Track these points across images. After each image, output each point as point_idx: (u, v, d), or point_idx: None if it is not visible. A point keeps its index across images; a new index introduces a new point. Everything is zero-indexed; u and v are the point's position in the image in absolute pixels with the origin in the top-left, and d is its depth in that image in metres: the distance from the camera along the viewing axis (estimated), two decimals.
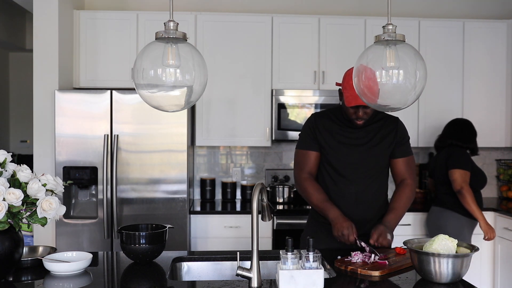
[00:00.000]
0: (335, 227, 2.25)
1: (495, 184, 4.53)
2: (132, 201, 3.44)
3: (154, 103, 1.76)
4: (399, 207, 2.36)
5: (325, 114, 2.48)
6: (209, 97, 3.90)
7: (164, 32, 1.69)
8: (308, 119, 2.51)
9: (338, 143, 2.40)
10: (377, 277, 1.89)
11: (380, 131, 2.41)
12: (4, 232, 1.72)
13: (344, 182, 2.39)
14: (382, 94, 1.72)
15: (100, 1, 4.23)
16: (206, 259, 2.20)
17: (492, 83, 4.16)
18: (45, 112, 3.55)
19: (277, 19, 3.98)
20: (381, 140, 2.40)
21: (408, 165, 2.44)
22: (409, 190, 2.40)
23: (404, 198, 2.38)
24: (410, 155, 2.46)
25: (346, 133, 2.41)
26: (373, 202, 2.41)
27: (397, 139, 2.42)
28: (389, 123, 2.44)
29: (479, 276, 3.78)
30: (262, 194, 1.91)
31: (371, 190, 2.40)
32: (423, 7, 4.42)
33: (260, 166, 4.32)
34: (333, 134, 2.41)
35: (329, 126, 2.43)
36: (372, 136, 2.40)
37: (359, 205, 2.38)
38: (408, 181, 2.42)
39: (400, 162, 2.43)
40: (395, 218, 2.33)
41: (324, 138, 2.41)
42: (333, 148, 2.40)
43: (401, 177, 2.44)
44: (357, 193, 2.38)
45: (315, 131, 2.43)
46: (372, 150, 2.39)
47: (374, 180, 2.41)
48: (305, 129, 2.49)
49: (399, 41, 1.67)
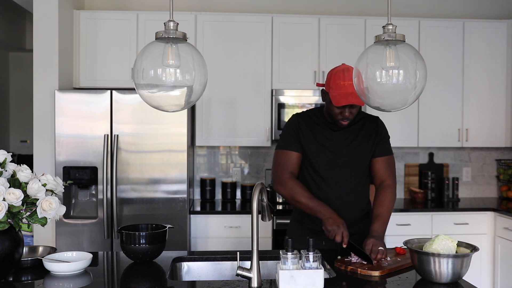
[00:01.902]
0: (329, 220, 2.16)
1: (495, 184, 4.53)
2: (132, 201, 3.44)
3: (154, 103, 1.76)
4: (383, 212, 2.28)
5: (307, 115, 2.43)
6: (209, 97, 3.90)
7: (164, 32, 1.69)
8: (290, 119, 2.45)
9: (321, 145, 2.35)
10: (377, 277, 1.89)
11: (361, 132, 2.37)
12: (4, 232, 1.72)
13: (327, 185, 2.34)
14: (382, 94, 1.72)
15: (100, 1, 4.23)
16: (206, 259, 2.20)
17: (492, 83, 4.16)
18: (45, 112, 3.55)
19: (277, 19, 3.98)
20: (363, 140, 2.36)
21: (388, 165, 2.38)
22: (390, 193, 2.34)
23: (386, 202, 2.31)
24: (390, 155, 2.40)
25: (328, 135, 2.36)
26: (357, 203, 2.38)
27: (378, 138, 2.38)
28: (370, 123, 2.40)
29: (479, 276, 3.78)
30: (262, 194, 1.91)
31: (355, 191, 2.37)
32: (423, 7, 4.42)
33: (260, 166, 4.32)
34: (315, 135, 2.36)
35: (312, 127, 2.38)
36: (353, 137, 2.36)
37: (343, 207, 2.32)
38: (388, 182, 2.36)
39: (379, 162, 2.38)
40: (382, 225, 2.26)
41: (306, 139, 2.36)
42: (316, 150, 2.35)
43: (380, 177, 2.38)
44: (342, 195, 2.34)
45: (298, 132, 2.37)
46: (355, 151, 2.35)
47: (358, 181, 2.38)
48: (288, 129, 2.41)
49: (399, 41, 1.67)
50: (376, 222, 2.26)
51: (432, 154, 4.43)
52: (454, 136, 4.13)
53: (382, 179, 2.38)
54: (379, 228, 2.23)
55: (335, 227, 2.14)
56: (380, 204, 2.31)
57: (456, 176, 4.36)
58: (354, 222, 2.36)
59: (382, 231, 2.25)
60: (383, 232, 2.25)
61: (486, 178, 4.53)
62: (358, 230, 2.37)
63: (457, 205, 4.03)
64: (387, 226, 2.31)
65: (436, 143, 4.16)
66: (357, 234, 2.36)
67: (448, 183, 4.24)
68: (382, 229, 2.25)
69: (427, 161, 4.43)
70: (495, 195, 4.53)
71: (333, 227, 2.14)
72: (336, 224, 2.15)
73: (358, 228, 2.38)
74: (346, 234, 2.12)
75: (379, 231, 2.22)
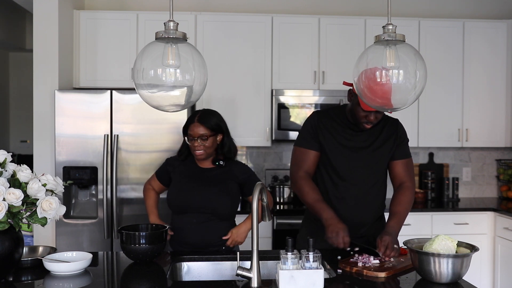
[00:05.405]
0: (329, 227, 2.17)
1: (495, 184, 4.53)
2: (132, 201, 3.44)
3: (154, 103, 1.76)
4: (401, 211, 2.28)
5: (327, 114, 2.41)
6: (209, 97, 3.90)
7: (164, 32, 1.69)
8: (310, 117, 2.43)
9: (340, 145, 2.34)
10: (383, 278, 1.88)
11: (381, 134, 2.36)
12: (4, 232, 1.72)
13: (344, 185, 2.34)
14: (382, 94, 1.72)
15: (100, 1, 4.23)
16: (206, 259, 2.20)
17: (492, 83, 4.16)
18: (45, 112, 3.55)
19: (277, 19, 3.98)
20: (383, 143, 2.36)
21: (407, 168, 2.38)
22: (409, 193, 2.34)
23: (405, 202, 2.31)
24: (409, 157, 2.40)
25: (348, 135, 2.35)
26: (372, 205, 2.37)
27: (398, 141, 2.37)
28: (390, 125, 2.39)
29: (479, 276, 3.78)
30: (262, 194, 1.91)
31: (371, 193, 2.36)
32: (423, 7, 4.42)
33: (260, 166, 4.32)
34: (335, 135, 2.35)
35: (331, 126, 2.37)
36: (374, 139, 2.35)
37: (358, 209, 2.33)
38: (408, 184, 2.36)
39: (399, 164, 2.38)
40: (398, 223, 2.26)
41: (326, 138, 2.35)
42: (335, 150, 2.34)
43: (400, 179, 2.38)
44: (357, 196, 2.33)
45: (317, 130, 2.36)
46: (374, 153, 2.35)
47: (375, 183, 2.37)
48: (307, 127, 2.41)
49: (399, 41, 1.68)
50: (392, 219, 2.26)
51: (432, 154, 4.44)
52: (454, 136, 4.13)
53: (401, 181, 2.37)
54: (395, 225, 2.23)
55: (334, 234, 2.14)
56: (398, 203, 2.31)
57: (456, 176, 4.36)
58: (367, 224, 2.36)
59: (397, 229, 2.24)
60: (398, 230, 2.24)
61: (486, 178, 4.53)
62: (370, 232, 2.36)
63: (457, 205, 4.03)
64: (402, 225, 2.30)
65: (436, 143, 4.16)
66: (368, 236, 2.35)
67: (448, 183, 4.24)
68: (398, 227, 2.24)
69: (427, 161, 4.43)
70: (495, 195, 4.53)
71: (333, 234, 2.15)
72: (336, 230, 2.14)
73: (371, 230, 2.37)
74: (347, 240, 2.13)
75: (394, 228, 2.22)
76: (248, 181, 2.47)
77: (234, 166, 2.48)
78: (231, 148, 2.47)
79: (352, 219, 2.32)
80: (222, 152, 2.45)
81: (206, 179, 2.43)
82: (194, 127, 2.37)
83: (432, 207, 3.91)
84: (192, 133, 2.38)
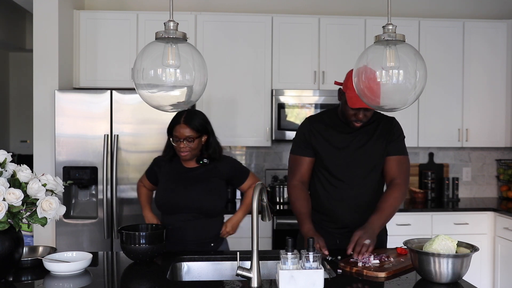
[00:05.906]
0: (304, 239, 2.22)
1: (495, 184, 4.53)
2: (132, 201, 3.44)
3: (154, 103, 1.76)
4: (385, 207, 2.25)
5: (320, 118, 2.42)
6: (209, 97, 3.90)
7: (164, 32, 1.69)
8: (302, 124, 2.45)
9: (335, 147, 2.34)
10: (383, 278, 1.88)
11: (375, 132, 2.36)
12: (4, 232, 1.72)
13: (343, 186, 2.34)
14: (382, 94, 1.72)
15: (100, 1, 4.23)
16: (206, 259, 2.20)
17: (492, 83, 4.16)
18: (45, 112, 3.55)
19: (277, 19, 3.98)
20: (377, 141, 2.35)
21: (399, 164, 2.34)
22: (397, 190, 2.29)
23: (391, 198, 2.27)
24: (403, 155, 2.36)
25: (342, 137, 2.35)
26: (371, 204, 2.35)
27: (392, 137, 2.35)
28: (385, 123, 2.38)
29: (479, 276, 3.78)
30: (262, 194, 1.91)
31: (371, 192, 2.36)
32: (423, 7, 4.42)
33: (260, 166, 4.32)
34: (328, 138, 2.35)
35: (325, 130, 2.37)
36: (368, 138, 2.35)
37: (359, 208, 2.33)
38: (398, 181, 2.32)
39: (391, 160, 2.34)
40: (379, 219, 2.21)
41: (319, 143, 2.36)
42: (330, 153, 2.34)
43: (391, 176, 2.34)
44: (357, 196, 2.33)
45: (310, 136, 2.37)
46: (369, 152, 2.34)
47: (374, 182, 2.36)
48: (299, 134, 2.42)
49: (399, 41, 1.67)
50: (374, 214, 2.23)
51: (432, 154, 4.44)
52: (454, 136, 4.13)
53: (392, 177, 2.34)
54: (375, 221, 2.19)
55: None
56: (383, 199, 2.29)
57: (456, 176, 4.36)
58: None
59: (378, 225, 2.19)
60: (379, 226, 2.20)
61: (486, 178, 4.53)
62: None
63: (457, 205, 4.03)
64: (386, 221, 2.27)
65: (436, 143, 4.16)
66: None
67: (448, 183, 4.24)
68: (378, 223, 2.20)
69: (427, 161, 4.43)
70: (495, 195, 4.53)
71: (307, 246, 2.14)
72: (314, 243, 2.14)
73: None
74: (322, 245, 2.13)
75: (373, 224, 2.18)
76: (234, 173, 2.52)
77: (218, 163, 2.50)
78: (216, 149, 2.49)
79: (353, 220, 2.32)
80: (208, 153, 2.47)
81: (191, 179, 2.45)
82: (180, 128, 2.38)
83: (432, 207, 3.91)
84: (178, 135, 2.39)
